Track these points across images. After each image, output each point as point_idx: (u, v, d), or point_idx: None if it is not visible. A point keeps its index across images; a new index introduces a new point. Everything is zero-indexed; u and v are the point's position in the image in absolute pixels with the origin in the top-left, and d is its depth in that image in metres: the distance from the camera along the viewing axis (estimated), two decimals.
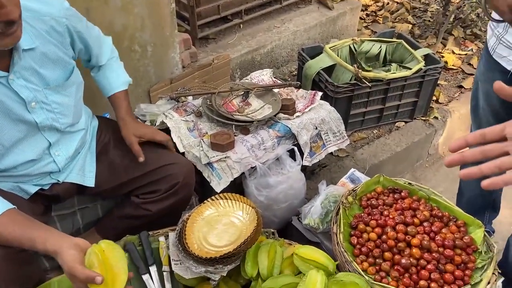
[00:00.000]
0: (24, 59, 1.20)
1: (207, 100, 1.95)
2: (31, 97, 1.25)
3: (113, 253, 1.10)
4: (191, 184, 1.57)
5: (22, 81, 1.22)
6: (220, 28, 2.66)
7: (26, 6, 1.17)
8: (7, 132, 1.24)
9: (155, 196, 1.48)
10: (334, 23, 3.06)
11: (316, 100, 2.05)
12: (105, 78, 1.55)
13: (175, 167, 1.50)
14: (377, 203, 1.63)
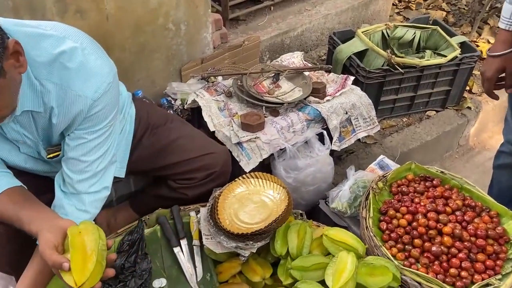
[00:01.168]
0: (25, 114, 1.08)
1: (238, 80, 1.94)
2: (18, 138, 1.14)
3: (88, 235, 1.02)
4: (227, 172, 1.56)
5: (18, 127, 1.11)
6: (250, 9, 2.64)
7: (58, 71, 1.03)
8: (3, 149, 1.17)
9: (192, 183, 1.48)
10: (366, 7, 2.99)
11: (348, 84, 2.03)
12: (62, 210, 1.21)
13: (213, 157, 1.49)
14: (408, 190, 1.61)
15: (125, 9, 1.69)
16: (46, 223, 1.01)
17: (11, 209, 1.07)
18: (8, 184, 1.12)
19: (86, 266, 0.98)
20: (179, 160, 1.48)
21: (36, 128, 1.12)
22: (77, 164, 1.16)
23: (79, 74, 1.03)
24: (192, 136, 1.52)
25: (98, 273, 1.01)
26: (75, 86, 1.04)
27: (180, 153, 1.47)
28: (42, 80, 1.03)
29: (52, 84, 1.03)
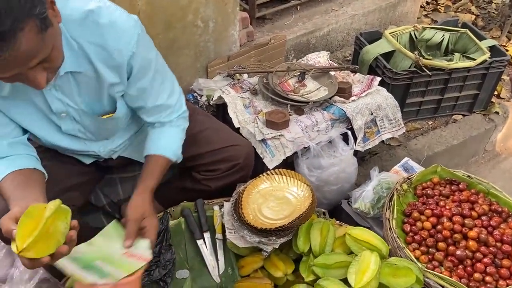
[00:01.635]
0: (66, 78, 1.09)
1: (264, 78, 1.96)
2: (61, 109, 1.16)
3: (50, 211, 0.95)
4: (250, 165, 1.57)
5: (60, 94, 1.12)
6: (277, 8, 2.65)
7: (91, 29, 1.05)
8: (40, 127, 1.20)
9: (215, 174, 1.50)
10: (394, 9, 2.97)
11: (374, 85, 2.02)
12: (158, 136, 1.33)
13: (236, 149, 1.50)
14: (433, 193, 1.60)
15: (156, 5, 1.73)
16: (22, 202, 0.98)
17: (8, 190, 1.06)
18: (19, 166, 1.11)
19: (32, 233, 0.91)
20: (203, 151, 1.49)
21: (78, 93, 1.13)
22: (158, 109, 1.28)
23: (111, 30, 1.05)
24: (216, 129, 1.55)
25: (50, 247, 0.94)
26: (111, 42, 1.06)
27: (205, 144, 1.49)
28: (78, 39, 1.04)
29: (88, 43, 1.05)
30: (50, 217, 0.92)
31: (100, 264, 1.09)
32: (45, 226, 0.91)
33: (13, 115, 1.14)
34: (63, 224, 0.97)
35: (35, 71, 0.89)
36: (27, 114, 1.15)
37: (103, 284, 1.04)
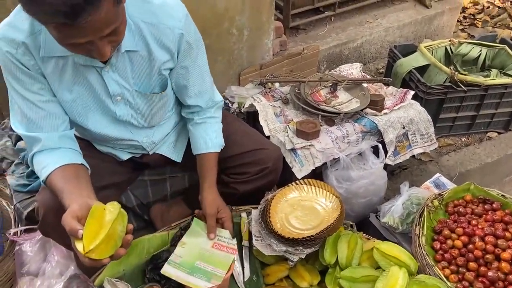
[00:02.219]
0: (122, 57, 1.17)
1: (295, 88, 1.96)
2: (118, 92, 1.23)
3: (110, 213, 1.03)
4: (278, 170, 1.57)
5: (116, 76, 1.20)
6: (311, 19, 2.67)
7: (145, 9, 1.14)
8: (93, 114, 1.26)
9: (244, 177, 1.49)
10: (430, 22, 2.93)
11: (407, 98, 1.99)
12: (204, 133, 1.42)
13: (265, 152, 1.51)
14: (465, 211, 1.56)
15: (194, 12, 1.76)
16: (79, 199, 1.04)
17: (59, 182, 1.11)
18: (69, 160, 1.16)
19: (97, 236, 0.98)
20: (233, 154, 1.51)
21: (132, 74, 1.22)
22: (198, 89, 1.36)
23: (162, 10, 1.16)
24: (247, 132, 1.56)
25: (109, 248, 1.00)
26: (163, 21, 1.16)
27: (235, 147, 1.51)
28: (135, 19, 1.13)
29: (143, 23, 1.15)
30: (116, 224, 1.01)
31: (201, 265, 1.28)
32: (109, 230, 0.98)
33: (71, 106, 1.21)
34: (121, 227, 1.04)
35: (103, 42, 0.98)
36: (85, 105, 1.23)
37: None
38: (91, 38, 0.94)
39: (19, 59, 1.09)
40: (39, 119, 1.17)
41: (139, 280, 1.35)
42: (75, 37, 0.93)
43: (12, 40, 1.07)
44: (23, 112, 1.16)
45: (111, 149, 1.45)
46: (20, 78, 1.12)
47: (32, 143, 1.18)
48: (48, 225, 1.26)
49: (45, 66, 1.12)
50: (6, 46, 1.07)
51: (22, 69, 1.11)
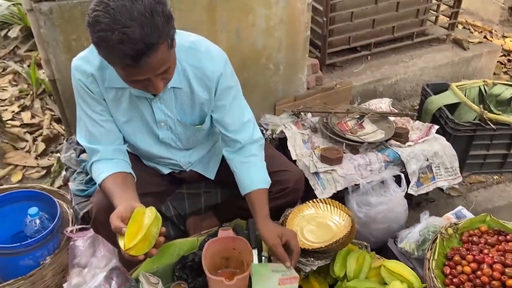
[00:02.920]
0: (169, 92, 1.40)
1: (324, 118, 2.13)
2: (162, 119, 1.45)
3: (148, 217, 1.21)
4: (299, 190, 1.71)
5: (162, 106, 1.42)
6: (347, 57, 2.85)
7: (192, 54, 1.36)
8: (142, 135, 1.50)
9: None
10: (467, 64, 3.01)
11: (432, 133, 2.09)
12: (248, 172, 1.52)
13: (287, 174, 1.65)
14: (479, 241, 1.61)
15: (235, 48, 2.02)
16: (125, 201, 1.26)
17: (111, 187, 1.35)
18: (120, 169, 1.41)
19: (136, 236, 1.17)
20: None
21: (175, 106, 1.44)
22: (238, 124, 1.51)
23: (207, 56, 1.38)
24: (272, 155, 1.71)
25: (145, 247, 1.19)
26: (206, 65, 1.38)
27: None
28: (182, 62, 1.35)
29: (189, 65, 1.37)
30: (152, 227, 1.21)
31: None
32: (146, 232, 1.19)
33: (124, 127, 1.45)
34: (156, 229, 1.24)
35: (158, 78, 1.20)
36: (135, 127, 1.47)
37: None
38: (148, 76, 1.17)
39: (87, 86, 1.36)
40: (99, 134, 1.42)
41: (168, 278, 1.54)
42: (137, 75, 1.16)
43: (84, 71, 1.34)
44: (87, 127, 1.43)
45: (155, 164, 1.68)
46: (87, 100, 1.38)
47: (92, 153, 1.44)
48: (99, 223, 1.48)
49: (107, 94, 1.38)
50: (79, 75, 1.35)
51: (89, 93, 1.37)
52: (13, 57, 3.24)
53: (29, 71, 2.91)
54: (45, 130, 2.69)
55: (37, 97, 2.94)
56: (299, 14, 2.14)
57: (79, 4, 1.76)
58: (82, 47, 1.81)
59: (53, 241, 1.67)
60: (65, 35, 1.80)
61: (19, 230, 1.73)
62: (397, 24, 2.86)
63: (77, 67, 1.35)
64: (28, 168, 2.47)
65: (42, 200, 1.75)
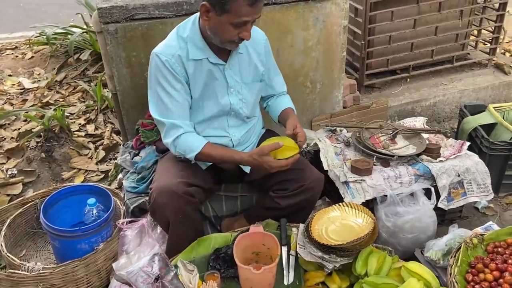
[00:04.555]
0: (235, 58, 1.75)
1: (357, 133, 2.25)
2: (232, 84, 1.77)
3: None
4: (316, 189, 1.83)
5: (231, 72, 1.75)
6: (386, 79, 2.95)
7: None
8: (209, 108, 1.77)
9: (285, 192, 1.78)
10: (508, 87, 3.01)
11: (463, 149, 2.14)
12: (280, 101, 1.99)
13: (305, 172, 1.81)
14: (504, 252, 1.64)
15: None
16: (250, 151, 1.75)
17: (220, 150, 1.74)
18: (205, 140, 1.74)
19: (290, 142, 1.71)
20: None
21: (239, 70, 1.78)
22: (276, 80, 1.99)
23: (255, 29, 1.77)
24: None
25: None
26: (256, 35, 1.77)
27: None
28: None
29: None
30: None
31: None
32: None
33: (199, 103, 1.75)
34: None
35: (251, 25, 1.59)
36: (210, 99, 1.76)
37: None
38: (254, 18, 1.56)
39: (172, 66, 1.66)
40: (176, 110, 1.70)
41: (204, 267, 1.71)
42: (248, 15, 1.53)
43: (169, 53, 1.67)
44: (166, 104, 1.69)
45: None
46: (169, 79, 1.67)
47: (171, 128, 1.69)
48: (157, 204, 1.67)
49: (189, 67, 1.68)
50: (165, 57, 1.66)
51: (172, 73, 1.67)
52: (83, 77, 3.66)
53: (95, 89, 3.28)
54: (106, 140, 3.01)
55: (101, 112, 3.29)
56: (335, 36, 2.31)
57: (140, 25, 2.04)
58: (140, 62, 2.10)
59: (107, 229, 1.89)
60: (127, 52, 2.08)
61: (79, 221, 1.98)
62: (436, 48, 2.94)
63: (162, 52, 1.67)
64: (89, 172, 2.77)
65: (100, 194, 2.00)
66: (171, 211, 1.66)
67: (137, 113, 2.23)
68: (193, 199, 1.69)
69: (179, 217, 1.67)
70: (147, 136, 2.12)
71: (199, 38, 1.69)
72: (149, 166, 2.04)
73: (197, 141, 1.72)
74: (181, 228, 1.71)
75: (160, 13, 2.04)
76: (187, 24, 1.73)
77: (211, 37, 1.66)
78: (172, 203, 1.64)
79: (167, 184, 1.65)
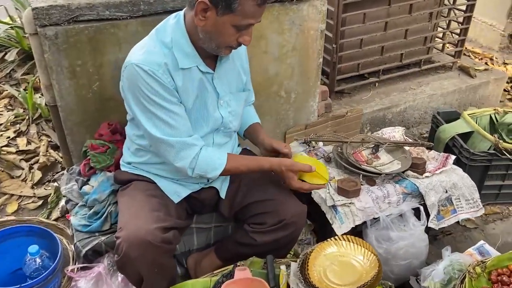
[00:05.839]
0: (223, 65, 1.53)
1: (338, 147, 2.06)
2: (222, 94, 1.55)
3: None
4: (299, 224, 1.62)
5: (219, 82, 1.53)
6: (356, 84, 2.81)
7: None
8: (199, 125, 1.52)
9: (262, 227, 1.56)
10: (474, 91, 2.98)
11: (449, 163, 2.02)
12: (247, 113, 1.80)
13: (284, 205, 1.58)
14: (509, 281, 1.52)
15: None
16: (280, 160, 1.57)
17: (246, 161, 1.55)
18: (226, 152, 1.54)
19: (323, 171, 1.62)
20: (255, 200, 1.60)
21: (226, 77, 1.56)
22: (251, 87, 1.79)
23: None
24: (273, 181, 1.64)
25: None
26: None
27: (258, 192, 1.61)
28: None
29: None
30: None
31: None
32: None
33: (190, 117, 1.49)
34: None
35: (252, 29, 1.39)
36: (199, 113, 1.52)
37: None
38: (257, 21, 1.36)
39: (160, 77, 1.37)
40: (182, 126, 1.43)
41: None
42: (253, 17, 1.33)
43: (154, 62, 1.37)
44: (167, 122, 1.40)
45: (175, 183, 1.58)
46: (161, 93, 1.38)
47: (183, 149, 1.43)
48: (128, 259, 1.36)
49: (177, 79, 1.41)
50: (150, 67, 1.36)
51: (163, 85, 1.38)
52: (9, 80, 3.15)
53: (26, 95, 2.81)
54: (42, 157, 2.58)
55: (33, 122, 2.84)
56: (312, 41, 2.09)
57: (86, 28, 1.69)
58: (87, 72, 1.75)
59: (54, 282, 1.54)
60: (70, 60, 1.71)
61: (19, 267, 1.60)
62: (405, 52, 2.83)
63: (144, 61, 1.36)
64: (24, 198, 2.34)
65: (42, 235, 1.63)
66: (146, 265, 1.36)
67: (84, 132, 1.87)
68: (171, 246, 1.41)
69: (155, 270, 1.38)
70: (98, 161, 1.78)
71: (186, 42, 1.42)
72: (103, 198, 1.70)
73: (218, 156, 1.50)
74: (157, 281, 1.42)
75: (111, 14, 1.69)
76: (167, 26, 1.43)
77: (203, 41, 1.39)
78: (147, 255, 1.35)
79: (140, 233, 1.33)
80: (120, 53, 1.75)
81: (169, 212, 1.50)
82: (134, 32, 1.74)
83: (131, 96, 1.42)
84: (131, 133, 1.60)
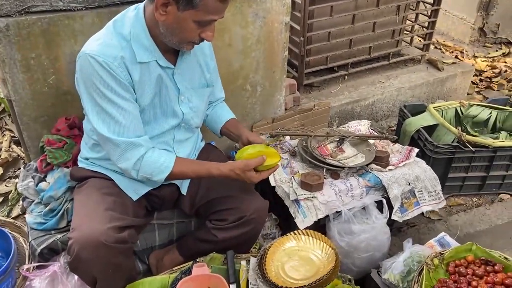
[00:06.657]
0: (184, 60, 1.49)
1: (303, 141, 2.05)
2: (183, 90, 1.51)
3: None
4: (259, 221, 1.61)
5: (180, 77, 1.49)
6: (325, 77, 2.80)
7: None
8: (159, 122, 1.49)
9: (223, 224, 1.55)
10: (442, 84, 3.01)
11: (412, 156, 2.04)
12: (222, 109, 1.80)
13: (244, 202, 1.57)
14: (466, 272, 1.55)
15: None
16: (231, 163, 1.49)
17: (195, 165, 1.49)
18: (174, 155, 1.48)
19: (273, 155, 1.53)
20: (217, 196, 1.59)
21: (187, 73, 1.51)
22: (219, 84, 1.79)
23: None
24: (235, 182, 1.60)
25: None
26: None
27: (220, 189, 1.59)
28: None
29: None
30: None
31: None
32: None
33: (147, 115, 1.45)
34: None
35: (214, 25, 1.36)
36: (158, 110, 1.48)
37: None
38: (220, 16, 1.32)
39: (114, 70, 1.32)
40: (130, 123, 1.37)
41: None
42: (217, 13, 1.30)
43: (110, 54, 1.31)
44: (115, 119, 1.34)
45: (133, 181, 1.53)
46: (113, 87, 1.33)
47: (128, 150, 1.37)
48: (80, 260, 1.32)
49: (134, 73, 1.36)
50: (104, 59, 1.30)
51: (116, 78, 1.32)
52: None
53: None
54: (4, 153, 2.50)
55: None
56: (276, 34, 2.07)
57: (39, 20, 1.62)
58: (41, 66, 1.69)
59: (7, 281, 1.50)
60: (23, 53, 1.65)
61: None
62: (374, 45, 2.84)
63: (99, 53, 1.30)
64: None
65: None
66: (99, 266, 1.32)
67: (41, 127, 1.81)
68: (126, 245, 1.38)
69: (109, 271, 1.35)
70: (55, 157, 1.73)
71: (145, 36, 1.37)
72: (59, 195, 1.66)
73: (164, 159, 1.43)
74: (112, 281, 1.39)
75: (65, 5, 1.63)
76: (126, 18, 1.38)
77: (164, 35, 1.34)
78: (100, 256, 1.31)
79: (92, 234, 1.29)
80: (76, 46, 1.69)
81: (125, 210, 1.46)
82: (90, 24, 1.69)
83: (83, 89, 1.36)
84: (88, 128, 1.56)
